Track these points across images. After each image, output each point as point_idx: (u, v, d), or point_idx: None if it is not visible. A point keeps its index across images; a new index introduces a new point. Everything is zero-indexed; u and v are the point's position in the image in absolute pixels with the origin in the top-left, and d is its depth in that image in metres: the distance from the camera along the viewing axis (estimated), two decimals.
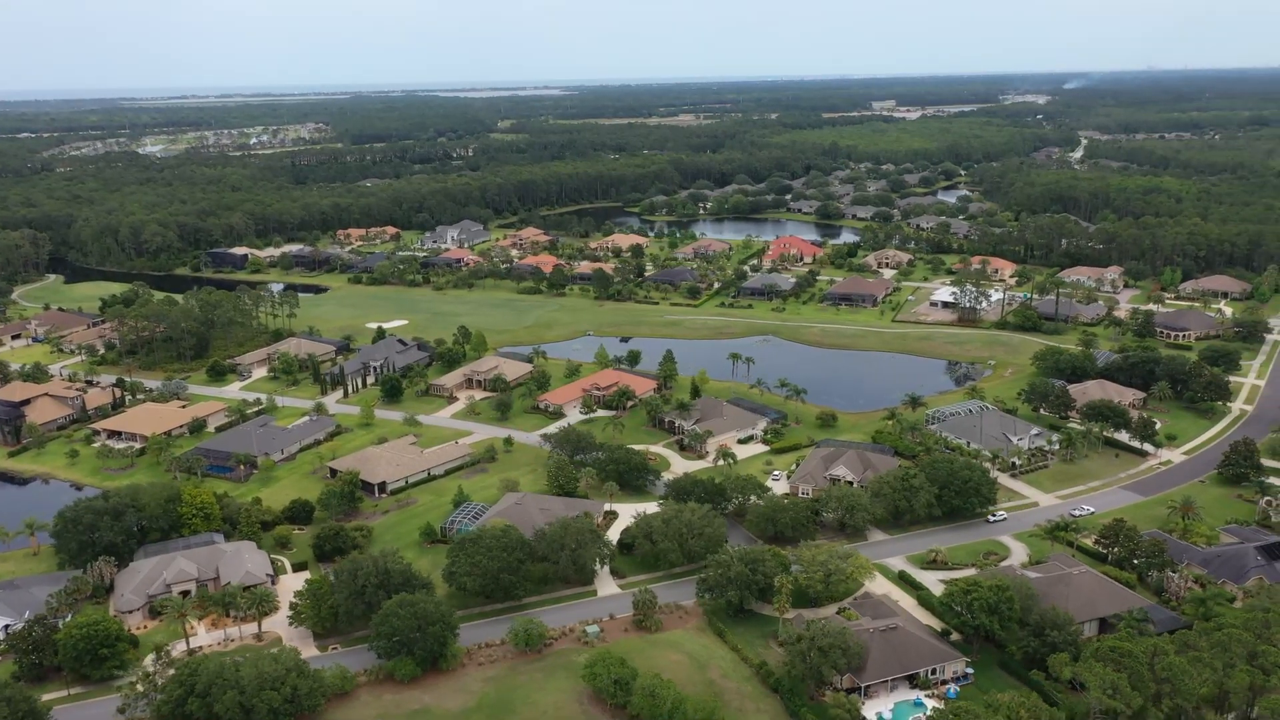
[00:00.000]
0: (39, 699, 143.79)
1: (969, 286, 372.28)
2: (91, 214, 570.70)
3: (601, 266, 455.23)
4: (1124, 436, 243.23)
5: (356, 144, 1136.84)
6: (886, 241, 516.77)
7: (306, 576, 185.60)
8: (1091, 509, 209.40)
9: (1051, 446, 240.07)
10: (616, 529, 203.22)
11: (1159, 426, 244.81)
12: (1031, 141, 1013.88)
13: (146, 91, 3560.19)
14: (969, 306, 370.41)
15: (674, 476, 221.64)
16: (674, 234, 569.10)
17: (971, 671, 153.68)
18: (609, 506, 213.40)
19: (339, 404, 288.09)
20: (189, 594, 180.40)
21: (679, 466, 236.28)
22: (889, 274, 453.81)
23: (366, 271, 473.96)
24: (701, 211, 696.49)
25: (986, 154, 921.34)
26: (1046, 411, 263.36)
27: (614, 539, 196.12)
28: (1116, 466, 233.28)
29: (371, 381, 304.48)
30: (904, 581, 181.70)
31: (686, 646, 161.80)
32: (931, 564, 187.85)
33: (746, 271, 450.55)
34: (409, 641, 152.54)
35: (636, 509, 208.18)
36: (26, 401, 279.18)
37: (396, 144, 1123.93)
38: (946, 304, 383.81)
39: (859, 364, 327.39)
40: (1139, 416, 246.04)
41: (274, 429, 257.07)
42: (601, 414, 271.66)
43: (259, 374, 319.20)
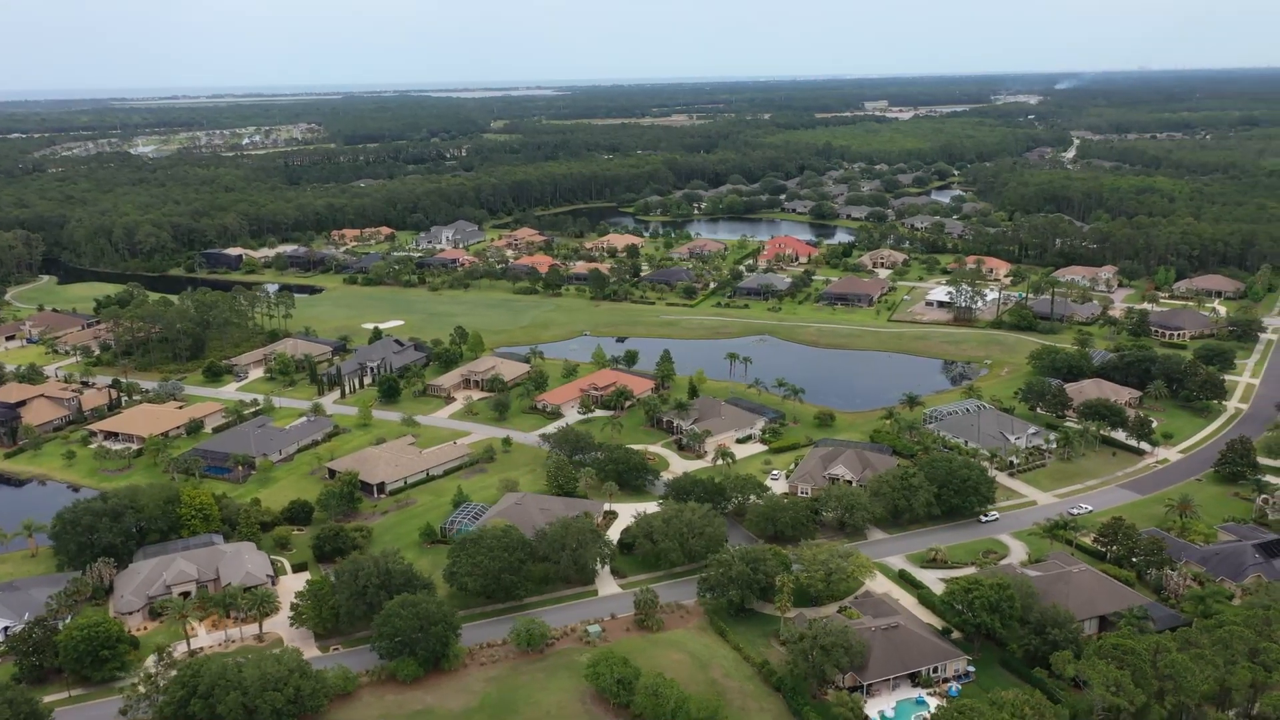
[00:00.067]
0: (40, 701, 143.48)
1: (964, 286, 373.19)
2: (85, 214, 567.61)
3: (597, 267, 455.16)
4: (1121, 435, 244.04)
5: (349, 144, 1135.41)
6: (881, 241, 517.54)
7: (307, 577, 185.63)
8: (1089, 507, 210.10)
9: (1049, 445, 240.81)
10: (616, 529, 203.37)
11: (1155, 425, 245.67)
12: (1024, 141, 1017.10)
13: (147, 91, 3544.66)
14: (964, 306, 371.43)
15: (673, 476, 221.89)
16: (669, 234, 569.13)
17: (973, 670, 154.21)
18: (609, 506, 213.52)
19: (336, 404, 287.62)
20: (189, 595, 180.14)
21: (678, 466, 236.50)
22: (884, 274, 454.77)
23: (362, 272, 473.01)
24: (696, 211, 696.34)
25: (979, 154, 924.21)
26: (1043, 410, 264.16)
27: (614, 539, 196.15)
28: (1113, 465, 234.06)
29: (369, 382, 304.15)
30: (904, 580, 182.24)
31: (688, 646, 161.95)
32: (931, 563, 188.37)
33: (742, 271, 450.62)
34: (411, 642, 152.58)
35: (636, 509, 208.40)
36: (22, 403, 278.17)
37: (390, 144, 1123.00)
38: (942, 303, 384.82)
39: (856, 363, 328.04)
40: (1135, 415, 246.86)
41: (272, 430, 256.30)
42: (599, 414, 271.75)
43: (255, 375, 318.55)
